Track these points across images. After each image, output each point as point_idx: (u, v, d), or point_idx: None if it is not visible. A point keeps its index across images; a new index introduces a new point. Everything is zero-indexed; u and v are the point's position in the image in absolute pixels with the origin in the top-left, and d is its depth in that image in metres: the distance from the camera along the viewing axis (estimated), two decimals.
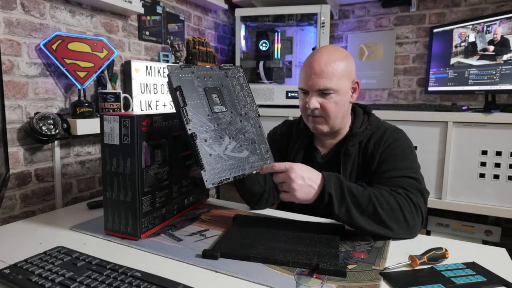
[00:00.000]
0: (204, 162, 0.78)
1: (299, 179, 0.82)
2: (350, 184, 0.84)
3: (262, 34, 2.28)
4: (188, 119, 0.79)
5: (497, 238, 1.79)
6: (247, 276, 0.69)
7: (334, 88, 0.97)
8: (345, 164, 1.03)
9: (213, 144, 0.81)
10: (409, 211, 0.84)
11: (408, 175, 0.92)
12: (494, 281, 0.68)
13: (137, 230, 0.85)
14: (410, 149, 1.00)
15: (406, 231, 0.85)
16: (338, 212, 0.82)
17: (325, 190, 0.82)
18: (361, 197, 0.82)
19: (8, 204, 1.22)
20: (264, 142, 0.92)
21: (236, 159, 0.84)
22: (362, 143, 1.03)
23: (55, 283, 0.64)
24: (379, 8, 2.31)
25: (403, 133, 1.04)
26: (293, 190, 0.82)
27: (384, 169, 0.96)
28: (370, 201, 0.82)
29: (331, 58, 0.97)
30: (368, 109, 1.10)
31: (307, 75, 0.99)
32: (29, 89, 1.26)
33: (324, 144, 1.10)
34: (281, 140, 1.19)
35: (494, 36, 1.70)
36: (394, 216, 0.83)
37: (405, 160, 0.96)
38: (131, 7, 1.53)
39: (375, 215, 0.82)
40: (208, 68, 0.91)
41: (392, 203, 0.83)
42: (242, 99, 0.93)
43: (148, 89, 1.65)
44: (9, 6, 1.19)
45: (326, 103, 0.98)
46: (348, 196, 0.82)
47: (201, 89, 0.86)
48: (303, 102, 1.04)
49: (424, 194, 0.90)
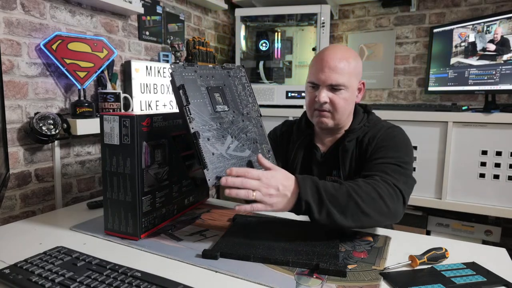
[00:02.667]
0: (207, 161, 0.77)
1: (272, 189, 0.76)
2: (326, 185, 0.80)
3: (262, 34, 2.28)
4: (191, 117, 0.79)
5: (497, 238, 1.79)
6: (247, 276, 0.69)
7: (345, 84, 0.97)
8: (344, 160, 1.03)
9: (216, 143, 0.81)
10: (388, 195, 0.81)
11: (393, 162, 0.90)
12: (494, 281, 0.68)
13: (137, 230, 0.85)
14: (405, 144, 0.99)
15: (390, 217, 0.83)
16: (319, 218, 0.78)
17: (301, 198, 0.77)
18: (340, 195, 0.78)
19: (8, 204, 1.22)
20: (266, 142, 0.92)
21: (238, 158, 0.84)
22: (359, 138, 1.03)
23: (55, 283, 0.64)
24: (379, 8, 2.31)
25: (400, 129, 1.04)
26: (266, 201, 0.76)
27: (372, 157, 0.95)
28: (349, 197, 0.78)
29: (345, 55, 0.98)
30: (368, 108, 1.11)
31: (319, 69, 0.99)
32: (29, 89, 1.26)
33: (324, 142, 1.11)
34: (281, 140, 1.19)
35: (494, 36, 1.71)
36: (375, 205, 0.80)
37: (396, 151, 0.94)
38: (131, 7, 1.53)
39: (357, 209, 0.78)
40: (211, 68, 0.91)
41: (371, 192, 0.80)
42: (244, 99, 0.93)
43: (148, 89, 1.65)
44: (9, 6, 1.19)
45: (336, 98, 0.99)
46: (326, 198, 0.77)
47: (204, 88, 0.86)
48: (311, 96, 1.03)
49: (407, 179, 0.88)
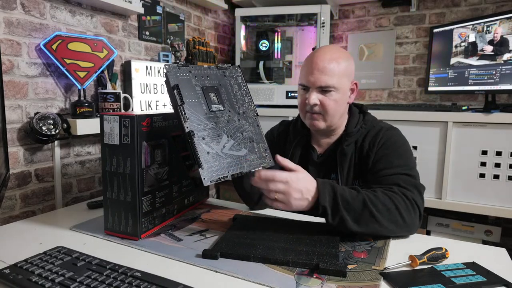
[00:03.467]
0: (202, 160, 0.78)
1: (297, 193, 0.80)
2: (344, 192, 0.83)
3: (262, 34, 2.28)
4: (186, 117, 0.80)
5: (497, 238, 1.79)
6: (247, 276, 0.69)
7: (335, 85, 0.98)
8: (342, 164, 1.03)
9: (211, 142, 0.81)
10: (405, 208, 0.84)
11: (402, 172, 0.92)
12: (494, 281, 0.67)
13: (137, 230, 0.85)
14: (405, 147, 1.00)
15: (405, 229, 0.85)
16: (332, 222, 0.82)
17: (319, 203, 0.81)
18: (356, 204, 0.81)
19: (8, 204, 1.22)
20: (263, 141, 0.92)
21: (234, 157, 0.84)
22: (358, 143, 1.03)
23: (55, 283, 0.64)
24: (379, 8, 2.31)
25: (397, 131, 1.04)
26: (289, 203, 0.81)
27: (378, 168, 0.96)
28: (365, 206, 0.81)
29: (334, 56, 0.98)
30: (364, 108, 1.10)
31: (309, 71, 0.99)
32: (29, 89, 1.26)
33: (320, 143, 1.11)
34: (278, 140, 1.19)
35: (494, 36, 1.71)
36: (391, 216, 0.82)
37: (400, 157, 0.96)
38: (131, 7, 1.53)
39: (372, 219, 0.81)
40: (206, 68, 0.91)
41: (387, 204, 0.83)
42: (240, 98, 0.94)
43: (148, 89, 1.65)
44: (9, 6, 1.19)
45: (326, 100, 0.99)
46: (342, 205, 0.81)
47: (198, 88, 0.86)
48: (302, 98, 1.03)
49: (420, 189, 0.91)
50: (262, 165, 0.88)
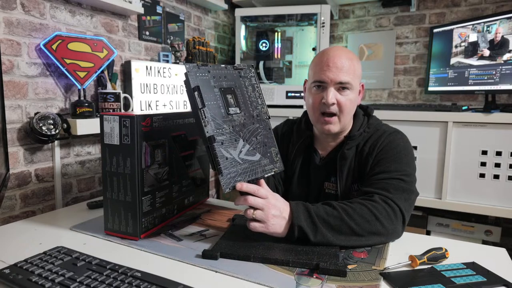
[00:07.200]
0: (222, 166, 0.76)
1: (275, 210, 0.79)
2: (318, 209, 0.81)
3: (262, 34, 2.28)
4: (207, 121, 0.76)
5: (497, 238, 1.79)
6: (247, 276, 0.69)
7: (351, 83, 0.95)
8: (342, 168, 1.00)
9: (229, 147, 0.79)
10: (386, 217, 0.82)
11: (395, 177, 0.90)
12: (494, 281, 0.68)
13: (137, 230, 0.85)
14: (406, 151, 0.96)
15: (387, 237, 0.84)
16: (315, 241, 0.79)
17: (294, 223, 0.79)
18: (332, 220, 0.80)
19: (8, 204, 1.22)
20: (274, 145, 0.89)
21: (249, 163, 0.82)
22: (359, 146, 1.00)
23: (55, 283, 0.64)
24: (379, 8, 2.31)
25: (401, 135, 1.01)
26: (268, 221, 0.78)
27: (374, 171, 0.94)
28: (342, 221, 0.80)
29: (349, 55, 0.97)
30: (369, 110, 1.07)
31: (325, 68, 0.95)
32: (29, 89, 1.26)
33: (324, 146, 1.07)
34: (282, 140, 1.17)
35: (494, 36, 1.71)
36: (371, 227, 0.81)
37: (398, 162, 0.93)
38: (131, 7, 1.53)
39: (352, 232, 0.80)
40: (223, 67, 0.87)
41: (366, 215, 0.81)
42: (254, 100, 0.90)
43: (148, 89, 1.65)
44: (9, 6, 1.19)
45: (342, 99, 0.96)
46: (319, 223, 0.79)
47: (217, 90, 0.82)
48: (316, 98, 0.98)
49: (408, 194, 0.88)
50: (273, 170, 0.86)
